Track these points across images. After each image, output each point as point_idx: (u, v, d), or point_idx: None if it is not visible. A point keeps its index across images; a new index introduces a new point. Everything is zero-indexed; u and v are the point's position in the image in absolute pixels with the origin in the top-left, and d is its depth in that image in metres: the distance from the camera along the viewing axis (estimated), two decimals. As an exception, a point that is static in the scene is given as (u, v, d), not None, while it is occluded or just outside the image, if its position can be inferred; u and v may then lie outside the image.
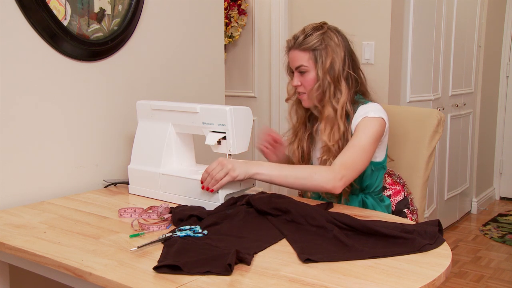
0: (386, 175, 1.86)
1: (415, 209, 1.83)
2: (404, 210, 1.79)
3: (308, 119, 1.83)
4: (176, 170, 1.70)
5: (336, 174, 1.52)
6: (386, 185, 1.84)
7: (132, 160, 1.80)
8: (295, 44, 1.71)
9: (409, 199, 1.83)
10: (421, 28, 3.11)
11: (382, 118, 1.65)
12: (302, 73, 1.70)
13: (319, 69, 1.67)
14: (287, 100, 1.86)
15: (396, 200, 1.81)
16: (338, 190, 1.53)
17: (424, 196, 1.91)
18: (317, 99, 1.72)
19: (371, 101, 1.74)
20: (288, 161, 1.90)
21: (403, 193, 1.83)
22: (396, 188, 1.83)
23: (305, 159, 1.82)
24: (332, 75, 1.67)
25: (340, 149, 1.64)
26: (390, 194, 1.82)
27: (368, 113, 1.64)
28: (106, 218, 1.49)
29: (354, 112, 1.67)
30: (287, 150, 1.89)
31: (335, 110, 1.67)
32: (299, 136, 1.82)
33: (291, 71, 1.78)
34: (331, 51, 1.68)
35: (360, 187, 1.73)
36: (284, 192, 2.45)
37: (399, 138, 1.93)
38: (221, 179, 1.50)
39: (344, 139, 1.66)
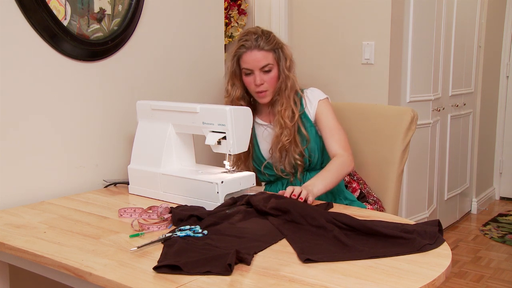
0: None
1: (375, 201, 1.94)
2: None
3: None
4: (176, 170, 1.70)
5: (350, 159, 1.80)
6: (346, 183, 1.97)
7: (132, 160, 1.80)
8: (258, 46, 1.83)
9: (365, 193, 1.95)
10: (421, 28, 3.11)
11: (328, 97, 1.92)
12: (266, 71, 1.84)
13: (283, 67, 1.87)
14: (231, 100, 1.93)
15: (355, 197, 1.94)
16: (353, 167, 1.84)
17: (398, 190, 2.00)
18: (274, 93, 1.89)
19: (302, 87, 1.95)
20: None
21: (358, 189, 1.95)
22: (352, 186, 1.96)
23: (245, 154, 1.95)
24: (290, 71, 1.89)
25: (294, 128, 1.86)
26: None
27: (318, 97, 1.90)
28: (106, 218, 1.49)
29: (299, 97, 1.90)
30: None
31: (290, 99, 1.87)
32: None
33: (240, 74, 1.89)
34: (286, 50, 1.90)
35: (321, 162, 1.92)
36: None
37: (375, 134, 2.03)
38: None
39: (296, 119, 1.88)
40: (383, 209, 1.94)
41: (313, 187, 1.64)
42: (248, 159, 1.98)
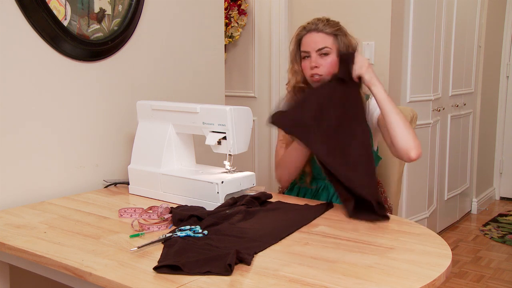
0: None
1: (389, 206, 1.91)
2: None
3: None
4: (176, 170, 1.70)
5: (418, 146, 1.63)
6: None
7: (132, 160, 1.80)
8: (319, 27, 1.80)
9: (383, 198, 1.89)
10: (421, 28, 3.11)
11: None
12: (324, 55, 1.77)
13: None
14: (292, 86, 1.86)
15: None
16: (412, 159, 1.64)
17: (398, 191, 2.00)
18: None
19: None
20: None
21: None
22: None
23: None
24: None
25: None
26: None
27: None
28: (106, 218, 1.49)
29: (366, 98, 1.79)
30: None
31: None
32: None
33: (300, 58, 1.82)
34: (351, 39, 1.83)
35: None
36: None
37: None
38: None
39: None
40: None
41: (375, 80, 1.64)
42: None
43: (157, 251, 1.20)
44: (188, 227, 1.32)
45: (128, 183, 1.81)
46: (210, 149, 1.65)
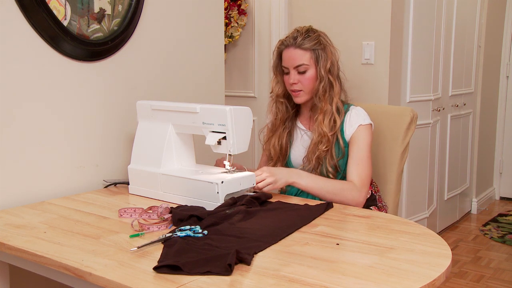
0: None
1: (383, 206, 1.90)
2: (371, 207, 1.85)
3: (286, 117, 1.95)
4: (176, 170, 1.70)
5: (361, 193, 1.72)
6: None
7: (132, 160, 1.80)
8: (295, 43, 1.80)
9: (377, 196, 1.90)
10: (421, 28, 3.11)
11: (371, 124, 1.85)
12: (301, 72, 1.81)
13: (321, 68, 1.81)
14: (275, 96, 1.93)
15: None
16: (361, 206, 1.71)
17: (398, 190, 2.00)
18: (312, 95, 1.85)
19: (351, 102, 1.91)
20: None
21: (370, 191, 1.88)
22: None
23: (283, 154, 1.93)
24: (331, 74, 1.83)
25: (333, 138, 1.80)
26: None
27: (362, 121, 1.82)
28: (106, 218, 1.49)
29: (344, 110, 1.85)
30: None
31: (332, 105, 1.82)
32: (278, 132, 1.93)
33: (282, 70, 1.88)
34: (329, 51, 1.83)
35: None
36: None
37: (376, 135, 2.02)
38: (263, 187, 1.64)
39: (337, 129, 1.82)
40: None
41: (292, 176, 1.67)
42: (284, 163, 1.94)
43: (157, 251, 1.20)
44: (188, 227, 1.32)
45: (128, 183, 1.81)
46: (210, 149, 1.65)
